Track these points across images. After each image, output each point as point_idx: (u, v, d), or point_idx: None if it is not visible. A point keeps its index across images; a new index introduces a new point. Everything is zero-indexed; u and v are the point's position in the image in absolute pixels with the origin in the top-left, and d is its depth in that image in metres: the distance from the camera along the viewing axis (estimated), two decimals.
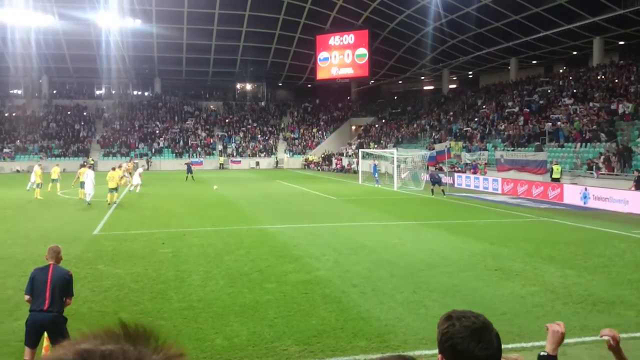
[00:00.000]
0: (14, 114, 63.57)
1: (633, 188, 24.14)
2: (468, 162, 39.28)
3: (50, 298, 6.46)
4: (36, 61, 59.26)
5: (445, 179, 35.81)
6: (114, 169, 26.53)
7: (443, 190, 29.49)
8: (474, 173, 36.62)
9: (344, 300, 9.83)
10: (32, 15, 51.28)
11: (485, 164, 37.21)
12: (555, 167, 29.70)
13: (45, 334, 6.56)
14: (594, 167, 29.19)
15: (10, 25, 52.39)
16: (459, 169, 38.90)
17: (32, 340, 6.53)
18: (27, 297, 6.63)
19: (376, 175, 37.97)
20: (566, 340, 7.92)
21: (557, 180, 29.06)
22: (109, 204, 24.50)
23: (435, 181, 29.95)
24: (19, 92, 68.90)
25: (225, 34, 60.07)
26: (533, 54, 51.16)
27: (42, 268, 6.73)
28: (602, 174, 28.58)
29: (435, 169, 35.84)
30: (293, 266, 12.51)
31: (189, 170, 40.18)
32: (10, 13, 50.19)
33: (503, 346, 7.13)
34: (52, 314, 6.45)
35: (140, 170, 33.24)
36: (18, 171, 53.92)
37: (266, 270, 12.10)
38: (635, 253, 14.19)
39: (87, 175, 24.96)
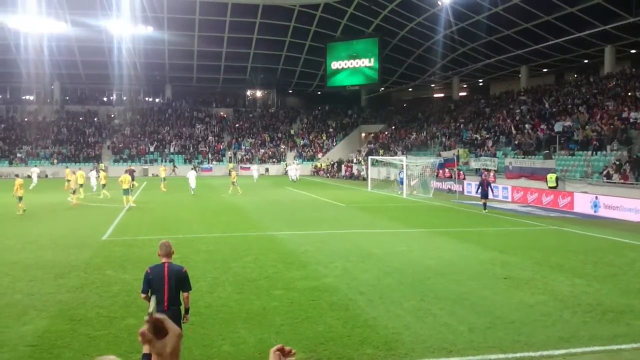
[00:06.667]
0: (26, 120, 64.26)
1: None
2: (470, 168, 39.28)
3: (169, 298, 6.63)
4: (48, 67, 59.79)
5: (455, 186, 35.73)
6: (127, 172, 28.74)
7: (485, 205, 25.49)
8: (463, 178, 37.05)
9: (351, 308, 9.80)
10: (45, 22, 51.75)
11: (496, 170, 36.92)
12: (549, 176, 29.85)
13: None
14: (609, 173, 28.83)
15: (23, 32, 52.96)
16: (491, 176, 37.05)
17: None
18: (143, 295, 6.80)
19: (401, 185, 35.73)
20: (574, 350, 7.90)
21: (554, 188, 29.15)
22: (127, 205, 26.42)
23: (484, 194, 25.45)
24: (31, 98, 69.58)
25: (236, 41, 60.35)
26: (544, 62, 50.93)
27: (157, 267, 6.79)
28: (609, 181, 28.32)
29: (483, 174, 30.80)
30: (301, 273, 12.50)
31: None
32: (23, 20, 50.67)
33: (510, 355, 7.03)
34: (172, 312, 6.60)
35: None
36: (29, 176, 54.26)
37: (274, 276, 12.10)
38: None
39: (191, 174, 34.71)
